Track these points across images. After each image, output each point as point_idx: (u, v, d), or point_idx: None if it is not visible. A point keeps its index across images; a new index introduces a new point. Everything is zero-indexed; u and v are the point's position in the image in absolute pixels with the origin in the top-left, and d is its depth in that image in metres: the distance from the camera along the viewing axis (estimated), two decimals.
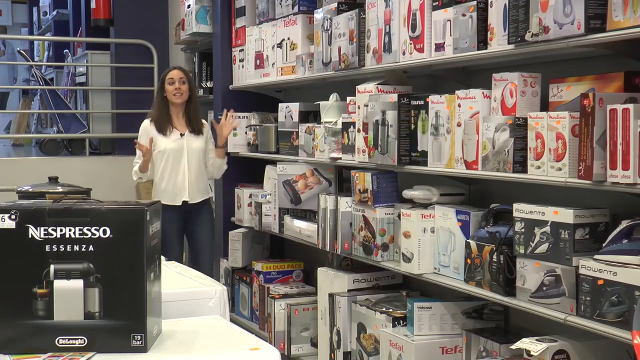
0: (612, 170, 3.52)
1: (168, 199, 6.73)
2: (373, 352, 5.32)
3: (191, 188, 6.86)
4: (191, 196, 6.86)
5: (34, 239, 2.79)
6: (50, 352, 2.78)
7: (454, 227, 4.72)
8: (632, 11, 3.46)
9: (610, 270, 3.59)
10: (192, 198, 6.88)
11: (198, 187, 6.94)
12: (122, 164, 9.56)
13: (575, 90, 3.97)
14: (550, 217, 3.94)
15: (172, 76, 6.85)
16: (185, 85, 6.86)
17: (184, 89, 6.84)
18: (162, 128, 6.84)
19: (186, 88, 6.87)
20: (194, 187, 6.88)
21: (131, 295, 2.80)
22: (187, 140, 6.88)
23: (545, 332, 4.18)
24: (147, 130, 6.88)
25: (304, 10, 6.39)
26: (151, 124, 6.90)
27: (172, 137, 6.84)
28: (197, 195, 6.93)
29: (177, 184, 6.84)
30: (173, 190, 6.83)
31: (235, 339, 3.07)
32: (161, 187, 6.89)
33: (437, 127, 4.74)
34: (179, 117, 6.94)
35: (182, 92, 6.83)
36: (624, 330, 3.44)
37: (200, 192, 6.99)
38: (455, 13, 4.55)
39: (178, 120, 6.94)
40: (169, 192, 6.83)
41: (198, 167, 6.93)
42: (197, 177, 6.93)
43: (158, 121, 6.88)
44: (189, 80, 6.95)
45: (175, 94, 6.81)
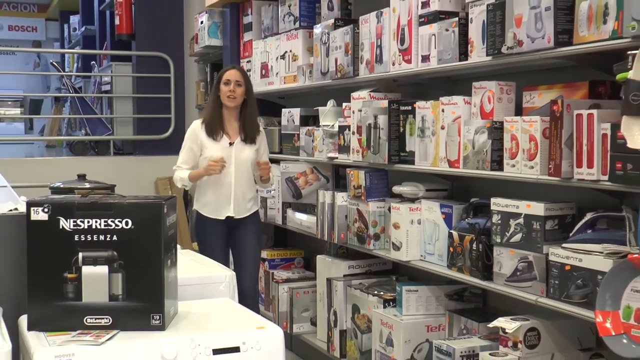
0: (578, 168, 3.53)
1: (211, 212, 5.70)
2: (366, 330, 5.32)
3: (236, 202, 5.68)
4: (236, 211, 5.70)
5: (64, 230, 2.81)
6: (79, 330, 2.80)
7: (438, 219, 4.71)
8: (595, 27, 3.47)
9: (576, 257, 3.59)
10: (237, 213, 5.71)
11: (245, 200, 5.75)
12: (142, 163, 9.58)
13: (546, 97, 3.96)
14: (523, 210, 3.94)
15: (229, 77, 5.66)
16: (242, 88, 5.67)
17: (239, 92, 5.65)
18: (213, 132, 5.65)
19: (242, 91, 5.67)
20: (239, 202, 5.70)
21: (150, 280, 2.82)
22: (236, 149, 5.67)
23: (519, 312, 4.17)
24: (195, 133, 5.71)
25: (304, 25, 6.38)
26: (202, 126, 5.71)
27: (221, 145, 5.64)
28: (243, 210, 5.74)
29: (221, 197, 5.66)
30: (217, 203, 5.68)
31: (243, 319, 3.09)
32: (205, 198, 5.75)
33: (423, 129, 4.73)
34: (231, 121, 5.75)
35: (236, 96, 5.64)
36: (588, 310, 3.43)
37: (247, 207, 5.79)
38: (439, 28, 4.55)
39: (230, 124, 5.74)
40: (213, 205, 5.70)
41: (246, 180, 5.75)
42: (243, 190, 5.73)
43: (209, 124, 5.69)
44: (246, 83, 5.73)
45: (229, 96, 5.63)
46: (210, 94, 5.88)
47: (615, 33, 3.34)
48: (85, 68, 14.58)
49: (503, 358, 3.98)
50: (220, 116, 5.71)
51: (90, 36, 14.20)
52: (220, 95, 5.67)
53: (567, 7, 3.61)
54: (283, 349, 2.92)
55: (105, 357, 2.65)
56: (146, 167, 9.52)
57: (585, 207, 3.87)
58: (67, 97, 13.42)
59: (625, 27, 3.23)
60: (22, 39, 20.61)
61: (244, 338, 2.83)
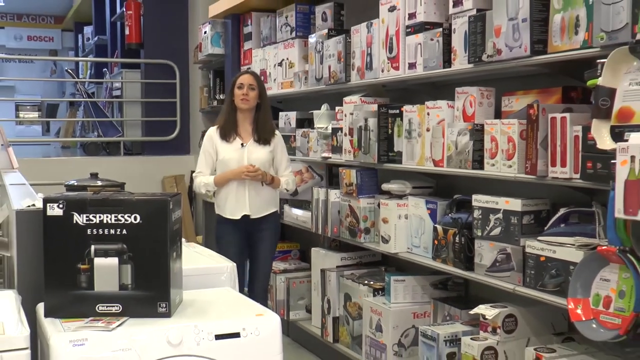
0: (552, 167, 3.54)
1: (228, 212, 5.41)
2: (357, 317, 5.33)
3: (252, 201, 5.36)
4: (252, 210, 5.37)
5: (77, 224, 2.81)
6: (92, 317, 2.81)
7: (424, 214, 4.71)
8: (567, 37, 3.48)
9: (551, 249, 3.60)
10: (254, 212, 5.38)
11: (260, 200, 5.40)
12: (150, 162, 9.58)
13: (523, 101, 3.97)
14: (502, 205, 3.95)
15: (242, 81, 5.40)
16: (255, 91, 5.39)
17: (252, 96, 5.37)
18: (226, 135, 5.42)
19: (255, 95, 5.39)
20: (255, 201, 5.37)
21: (157, 271, 2.83)
22: (249, 150, 5.38)
23: (498, 300, 4.18)
24: (211, 139, 5.48)
25: (300, 35, 6.38)
26: (216, 131, 5.47)
27: (233, 146, 5.39)
28: (259, 209, 5.40)
29: (237, 197, 5.36)
30: (233, 203, 5.38)
31: (243, 307, 3.09)
32: (221, 198, 5.46)
33: (410, 131, 4.73)
34: (245, 124, 5.46)
35: (249, 99, 5.36)
36: (561, 298, 3.44)
37: (264, 206, 5.43)
38: (424, 38, 4.56)
39: (244, 127, 5.46)
40: (229, 204, 5.40)
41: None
42: (257, 189, 5.37)
43: (223, 127, 5.45)
44: (259, 87, 5.44)
45: (242, 99, 5.36)
46: (225, 99, 5.65)
47: (586, 43, 3.36)
48: (97, 75, 14.57)
49: (483, 342, 3.99)
50: (235, 119, 5.45)
51: (103, 45, 14.19)
52: (234, 98, 5.42)
53: (542, 19, 3.63)
54: (280, 335, 2.93)
55: (115, 342, 2.65)
56: (154, 166, 9.52)
57: (558, 203, 3.87)
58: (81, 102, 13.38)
59: (595, 37, 3.24)
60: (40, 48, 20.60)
61: (243, 324, 2.84)
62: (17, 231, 3.22)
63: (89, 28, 16.16)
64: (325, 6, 6.12)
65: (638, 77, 2.83)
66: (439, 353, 4.30)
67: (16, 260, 3.23)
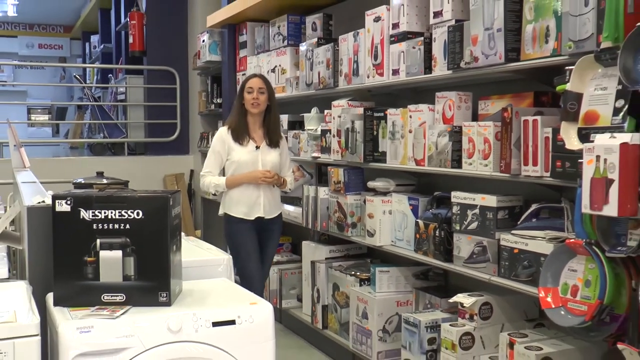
0: (525, 166, 3.55)
1: (241, 212, 5.09)
2: (344, 305, 5.33)
3: (266, 203, 5.11)
4: (266, 211, 5.12)
5: (84, 219, 2.81)
6: (97, 306, 2.80)
7: (407, 210, 4.72)
8: (539, 46, 3.48)
9: (523, 242, 3.61)
10: (267, 213, 5.14)
11: (274, 201, 5.20)
12: (152, 162, 9.57)
13: (498, 105, 3.97)
14: (479, 202, 3.96)
15: (252, 85, 5.09)
16: (264, 95, 5.10)
17: (262, 99, 5.08)
18: (239, 137, 5.08)
19: (265, 98, 5.10)
20: (269, 202, 5.13)
21: (158, 263, 2.83)
22: (262, 152, 5.11)
23: (475, 289, 4.19)
24: (223, 139, 5.13)
25: (291, 44, 6.37)
26: (228, 132, 5.13)
27: (247, 148, 5.08)
28: (272, 210, 5.18)
29: (251, 198, 5.08)
30: (248, 205, 5.08)
31: (238, 296, 3.09)
32: (234, 199, 5.11)
33: (394, 133, 4.74)
34: (255, 127, 5.16)
35: (259, 103, 5.07)
36: (532, 287, 3.45)
37: (275, 207, 5.23)
38: (407, 46, 4.56)
39: (255, 130, 5.16)
40: (243, 206, 5.09)
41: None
42: (272, 191, 5.17)
43: (235, 130, 5.11)
44: (268, 90, 5.15)
45: (252, 103, 5.06)
46: (235, 102, 5.26)
47: (555, 51, 3.37)
48: (103, 80, 14.56)
49: (461, 328, 3.99)
50: (245, 122, 5.13)
51: (108, 53, 14.17)
52: (245, 102, 5.11)
53: (515, 29, 3.63)
54: (273, 322, 2.93)
55: (119, 329, 2.65)
56: (155, 165, 9.52)
57: (530, 199, 3.89)
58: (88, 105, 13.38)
59: (564, 46, 3.25)
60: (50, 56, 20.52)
61: (239, 312, 2.84)
62: (28, 226, 3.22)
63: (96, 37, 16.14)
64: (315, 17, 6.12)
65: (603, 82, 2.84)
66: (421, 338, 4.30)
67: (27, 253, 3.23)
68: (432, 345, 4.29)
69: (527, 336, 3.74)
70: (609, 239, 2.77)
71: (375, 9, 4.90)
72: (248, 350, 2.83)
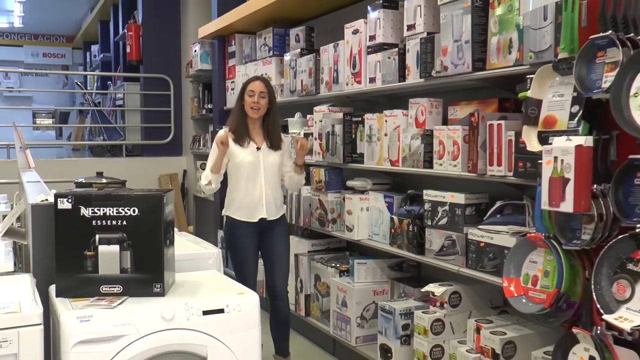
0: (490, 167, 3.57)
1: (244, 215, 4.60)
2: (325, 294, 5.34)
3: (269, 205, 4.61)
4: (269, 213, 4.61)
5: (84, 216, 2.80)
6: (96, 296, 2.80)
7: (382, 207, 4.74)
8: (503, 56, 3.50)
9: (489, 236, 3.63)
10: (270, 215, 4.62)
11: (275, 203, 4.66)
12: (148, 163, 9.53)
13: (466, 110, 3.99)
14: (448, 199, 3.97)
15: (253, 88, 4.60)
16: (265, 99, 4.60)
17: (262, 104, 4.59)
18: (240, 139, 4.61)
19: (265, 102, 4.60)
20: (271, 204, 4.62)
21: (153, 256, 2.82)
22: (264, 154, 4.61)
23: (445, 279, 4.20)
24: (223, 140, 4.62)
25: (276, 54, 6.37)
26: (229, 134, 4.64)
27: (249, 150, 4.58)
28: (274, 211, 4.65)
29: (254, 200, 4.58)
30: (249, 207, 4.59)
31: (227, 287, 3.09)
32: (236, 202, 4.63)
33: (371, 136, 4.75)
34: (256, 128, 4.67)
35: (260, 107, 4.59)
36: (497, 277, 3.49)
37: (277, 208, 4.69)
38: (383, 56, 4.57)
39: (255, 132, 4.67)
40: (245, 208, 4.59)
41: (275, 183, 4.66)
42: (274, 192, 4.65)
43: (236, 132, 4.63)
44: (269, 94, 4.64)
45: (253, 107, 4.59)
46: (235, 103, 4.76)
47: (518, 61, 3.39)
48: (103, 87, 14.48)
49: (432, 315, 4.01)
50: (246, 125, 4.65)
51: (107, 62, 14.09)
52: (245, 105, 4.63)
53: (481, 40, 3.65)
54: (258, 310, 2.93)
55: (117, 317, 2.65)
56: (151, 166, 9.48)
57: (495, 197, 3.90)
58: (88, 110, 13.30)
59: (525, 56, 3.27)
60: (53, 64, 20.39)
61: (227, 302, 2.84)
62: (33, 222, 3.20)
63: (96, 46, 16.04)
64: (298, 29, 6.12)
65: (560, 90, 2.86)
66: (395, 324, 4.32)
67: (31, 248, 3.21)
68: (406, 331, 4.31)
69: (493, 322, 3.75)
70: (566, 233, 2.79)
71: (353, 22, 4.91)
72: (236, 336, 2.83)
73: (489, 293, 4.07)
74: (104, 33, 14.90)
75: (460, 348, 3.80)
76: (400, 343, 4.31)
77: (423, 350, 4.04)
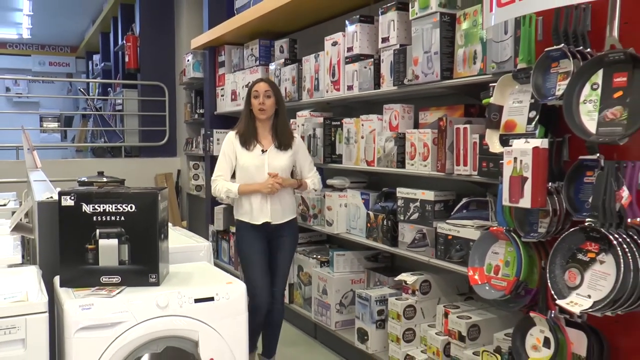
0: (457, 166, 3.59)
1: (249, 218, 4.25)
2: (308, 283, 5.34)
3: (273, 208, 4.22)
4: (273, 217, 4.23)
5: (86, 212, 2.79)
6: (97, 286, 2.78)
7: (359, 203, 4.74)
8: (468, 66, 3.52)
9: (456, 230, 3.65)
10: (274, 219, 4.23)
11: (281, 206, 4.26)
12: (145, 163, 9.50)
13: (435, 115, 4.01)
14: (419, 196, 3.98)
15: (257, 89, 4.28)
16: (271, 99, 4.27)
17: (268, 104, 4.25)
18: (246, 142, 4.26)
19: (271, 102, 4.27)
20: (276, 208, 4.23)
21: (148, 249, 2.81)
22: (269, 156, 4.25)
23: (416, 269, 4.23)
24: (231, 143, 4.30)
25: (262, 63, 6.36)
26: (236, 137, 4.30)
27: (254, 153, 4.25)
28: (279, 215, 4.26)
29: (257, 203, 4.22)
30: (254, 210, 4.23)
31: (216, 277, 3.08)
32: (243, 206, 4.28)
33: (349, 138, 4.76)
34: (265, 130, 4.32)
35: (266, 108, 4.24)
36: (463, 267, 3.51)
37: (284, 212, 4.28)
38: (360, 66, 4.58)
39: (264, 133, 4.32)
40: (250, 211, 4.25)
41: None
42: (279, 196, 4.24)
43: (243, 135, 4.29)
44: (275, 93, 4.30)
45: (260, 109, 4.24)
46: (243, 107, 4.41)
47: (482, 71, 3.41)
48: (103, 93, 14.41)
49: (405, 301, 4.03)
50: (254, 127, 4.30)
51: (108, 70, 14.02)
52: (252, 108, 4.29)
53: (449, 52, 3.67)
54: (245, 298, 2.92)
55: (116, 305, 2.64)
56: (148, 166, 9.45)
57: (462, 194, 3.92)
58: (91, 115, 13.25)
59: (488, 67, 3.29)
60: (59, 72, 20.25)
61: (217, 290, 2.84)
62: (39, 218, 3.19)
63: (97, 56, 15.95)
64: (282, 41, 6.12)
65: (519, 97, 2.88)
66: (371, 310, 4.33)
67: (38, 242, 3.20)
68: (380, 316, 4.32)
69: (459, 307, 3.78)
70: (524, 226, 2.81)
71: (333, 35, 4.92)
72: (224, 322, 2.82)
73: (456, 281, 4.10)
74: (104, 44, 14.82)
75: (430, 331, 3.82)
76: (375, 327, 4.33)
77: (396, 333, 4.06)
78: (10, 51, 20.05)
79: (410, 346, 4.04)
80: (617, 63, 2.39)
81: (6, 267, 3.07)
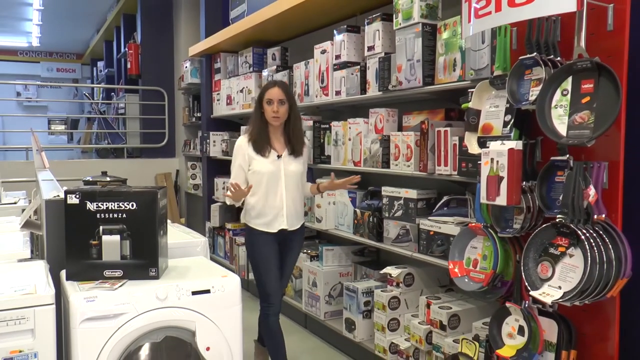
0: (438, 167, 3.59)
1: (264, 225, 3.82)
2: (298, 276, 5.34)
3: (289, 214, 3.84)
4: (289, 223, 3.85)
5: (90, 210, 2.78)
6: (100, 280, 2.78)
7: (347, 201, 4.76)
8: (448, 73, 3.53)
9: (437, 226, 3.66)
10: (291, 225, 3.86)
11: (296, 213, 3.90)
12: (146, 163, 9.48)
13: (417, 119, 4.01)
14: (403, 194, 3.99)
15: (271, 96, 3.80)
16: (285, 105, 3.81)
17: (282, 111, 3.79)
18: (261, 149, 3.81)
19: (285, 109, 3.81)
20: (292, 214, 3.86)
21: (148, 245, 2.80)
22: (285, 162, 3.83)
23: (401, 263, 4.23)
24: (243, 149, 3.84)
25: (256, 70, 6.35)
26: (248, 143, 3.83)
27: (270, 159, 3.80)
28: (295, 221, 3.90)
29: (274, 210, 3.81)
30: (270, 217, 3.82)
31: (213, 270, 3.07)
32: (256, 210, 3.84)
33: (337, 140, 4.76)
34: (277, 135, 3.88)
35: (280, 115, 3.79)
36: (444, 260, 3.52)
37: (298, 218, 3.93)
38: (347, 73, 4.58)
39: (276, 139, 3.88)
40: (265, 217, 3.82)
41: (296, 191, 3.88)
42: (295, 202, 3.88)
43: (256, 141, 3.82)
44: (289, 99, 3.84)
45: (274, 116, 3.79)
46: (254, 112, 3.93)
47: (461, 77, 3.42)
48: (107, 97, 14.35)
49: (390, 293, 4.04)
50: (267, 132, 3.86)
51: (111, 76, 13.99)
52: (265, 113, 3.84)
53: (430, 60, 3.68)
54: (240, 291, 2.92)
55: (118, 298, 2.63)
56: (148, 166, 9.43)
57: (443, 192, 3.94)
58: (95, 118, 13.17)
59: (467, 73, 3.30)
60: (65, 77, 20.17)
61: (213, 283, 2.83)
62: (47, 216, 3.18)
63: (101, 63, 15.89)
64: (275, 49, 6.11)
65: (495, 102, 2.89)
66: (358, 301, 4.33)
67: (45, 238, 3.19)
68: (367, 307, 4.33)
69: (440, 298, 3.79)
70: (500, 222, 2.82)
71: (322, 43, 4.92)
72: (220, 313, 2.82)
73: (438, 274, 4.11)
74: (108, 51, 14.78)
75: (413, 320, 3.83)
76: (362, 317, 4.33)
77: (382, 323, 4.06)
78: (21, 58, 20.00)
79: (394, 335, 4.05)
80: (584, 71, 2.40)
81: (16, 261, 3.06)
